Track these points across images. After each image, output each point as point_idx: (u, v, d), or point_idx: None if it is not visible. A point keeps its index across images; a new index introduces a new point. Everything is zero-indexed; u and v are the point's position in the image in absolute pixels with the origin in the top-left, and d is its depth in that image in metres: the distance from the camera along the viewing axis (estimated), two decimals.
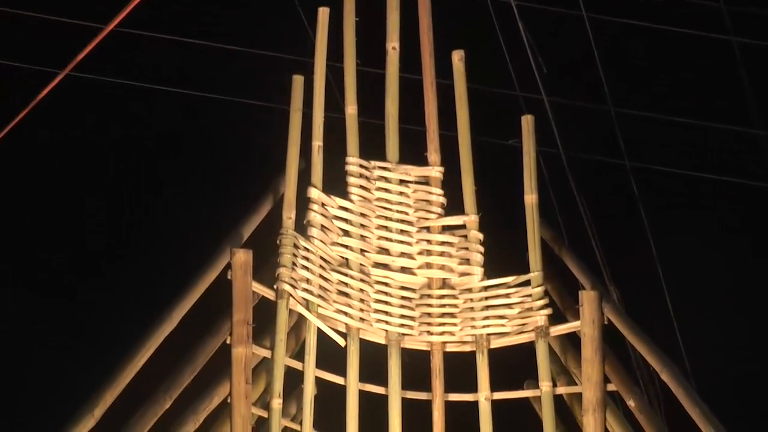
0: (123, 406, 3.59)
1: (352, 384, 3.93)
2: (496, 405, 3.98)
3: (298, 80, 4.12)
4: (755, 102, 5.16)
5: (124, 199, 6.08)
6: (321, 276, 3.98)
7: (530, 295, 3.99)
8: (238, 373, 3.73)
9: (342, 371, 3.95)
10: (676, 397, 3.62)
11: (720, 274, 5.83)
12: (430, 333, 4.05)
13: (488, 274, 4.10)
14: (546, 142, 4.69)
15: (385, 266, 4.11)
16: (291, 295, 3.88)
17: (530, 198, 4.09)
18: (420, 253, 4.12)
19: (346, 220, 4.10)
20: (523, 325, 3.99)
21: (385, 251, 4.12)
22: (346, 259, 4.07)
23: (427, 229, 4.17)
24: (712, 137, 5.68)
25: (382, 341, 4.04)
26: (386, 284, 4.08)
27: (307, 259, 3.95)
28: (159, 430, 3.61)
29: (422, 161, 4.24)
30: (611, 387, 3.80)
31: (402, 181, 4.18)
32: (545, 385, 3.90)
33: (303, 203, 4.06)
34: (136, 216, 6.07)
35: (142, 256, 5.87)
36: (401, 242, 4.12)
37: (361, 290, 4.04)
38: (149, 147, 6.13)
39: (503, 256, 4.21)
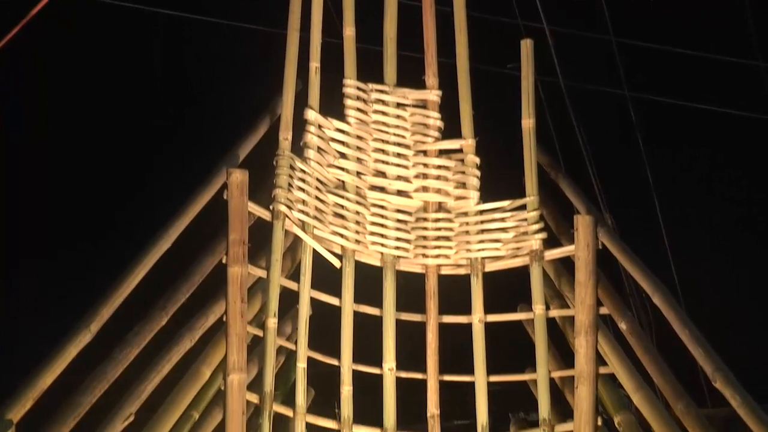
0: (120, 323, 3.62)
1: (347, 305, 3.97)
2: (489, 328, 4.02)
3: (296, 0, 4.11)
4: (756, 33, 5.13)
5: (124, 123, 6.09)
6: (317, 198, 3.99)
7: (525, 220, 4.01)
8: (234, 291, 3.76)
9: (337, 293, 3.99)
10: (667, 320, 3.65)
11: (716, 206, 5.85)
12: (425, 256, 4.08)
13: (484, 198, 4.11)
14: (546, 71, 4.68)
15: (382, 189, 4.12)
16: (287, 216, 3.90)
17: (527, 122, 4.09)
18: (416, 177, 4.14)
19: (342, 143, 4.10)
20: (518, 249, 4.01)
21: (381, 174, 4.13)
22: (343, 181, 4.08)
23: (424, 152, 4.18)
24: (712, 68, 5.66)
25: (378, 263, 4.06)
26: (382, 207, 4.10)
27: (303, 180, 3.96)
28: (155, 347, 3.65)
29: (420, 86, 4.23)
30: (603, 310, 3.83)
31: (399, 105, 4.18)
32: (538, 308, 3.93)
33: (300, 125, 4.06)
34: (136, 140, 6.08)
35: (142, 178, 5.90)
36: (398, 165, 4.13)
37: (357, 212, 4.06)
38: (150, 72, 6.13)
39: (499, 181, 4.22)
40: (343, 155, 4.08)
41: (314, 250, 3.95)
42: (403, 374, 3.97)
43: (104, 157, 6.05)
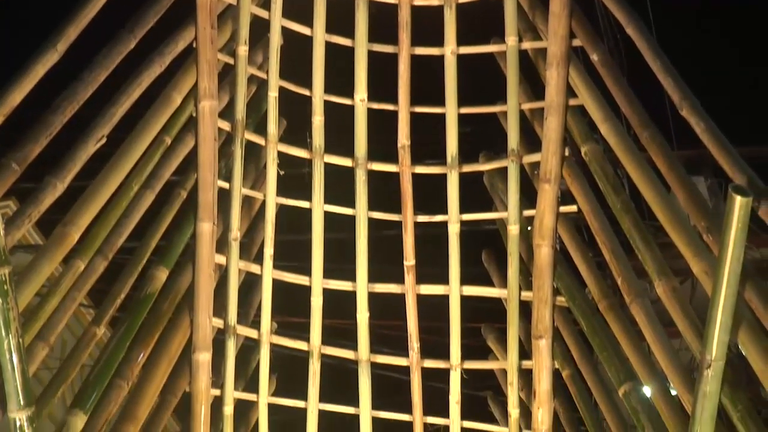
0: (87, 45, 3.60)
1: (319, 35, 3.91)
2: (461, 64, 3.99)
3: None
4: None
5: None
6: None
7: None
8: (203, 17, 3.71)
9: (308, 22, 3.94)
10: (640, 51, 3.65)
11: None
12: None
13: None
14: None
15: None
16: None
17: None
18: None
19: None
20: None
21: None
22: None
23: None
24: None
25: None
26: None
27: None
28: (123, 70, 3.64)
29: None
30: (576, 42, 3.81)
31: None
32: (511, 39, 3.90)
33: None
34: None
35: None
36: None
37: None
38: None
39: None
40: None
41: None
42: (374, 105, 3.99)
43: None
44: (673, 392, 3.35)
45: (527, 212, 3.87)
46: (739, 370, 3.77)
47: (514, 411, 3.87)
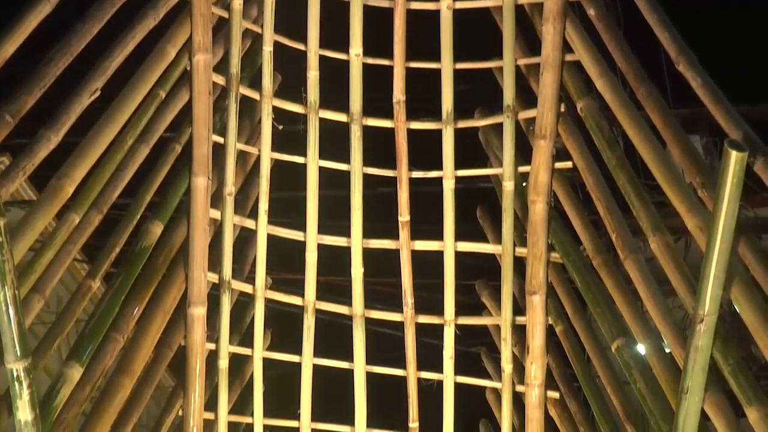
0: None
1: None
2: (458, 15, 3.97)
3: None
4: None
5: None
6: None
7: None
8: None
9: None
10: (636, 6, 3.63)
11: None
12: None
13: None
14: None
15: None
16: None
17: None
18: None
19: None
20: None
21: None
22: None
23: None
24: None
25: None
26: None
27: None
28: (117, 23, 3.62)
29: None
30: None
31: None
32: None
33: None
34: None
35: None
36: None
37: None
38: None
39: None
40: None
41: None
42: (370, 60, 3.97)
43: None
44: (667, 350, 3.37)
45: (522, 168, 3.87)
46: (731, 327, 3.80)
47: (507, 366, 3.89)
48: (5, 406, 3.03)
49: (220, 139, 3.78)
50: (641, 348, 3.47)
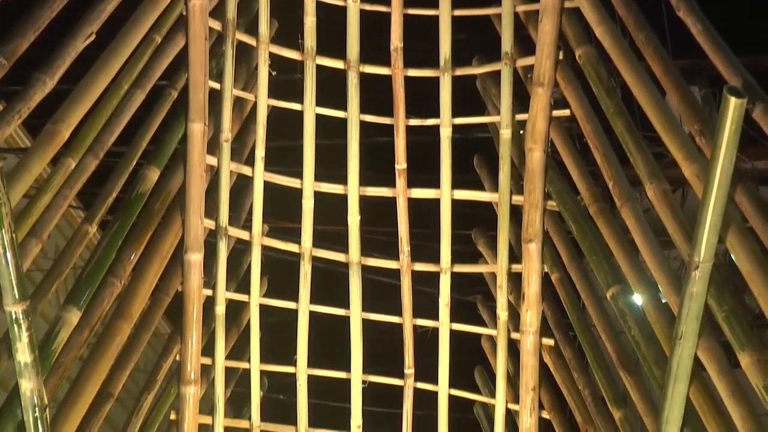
0: None
1: None
2: None
3: None
4: None
5: None
6: None
7: None
8: None
9: None
10: None
11: None
12: None
13: None
14: None
15: None
16: None
17: None
18: None
19: None
20: None
21: None
22: None
23: None
24: None
25: None
26: None
27: None
28: None
29: None
30: None
31: None
32: None
33: None
34: None
35: None
36: None
37: None
38: None
39: None
40: None
41: None
42: (367, 6, 3.94)
43: None
44: (663, 301, 3.38)
45: (520, 116, 3.86)
46: (726, 278, 3.81)
47: (502, 314, 3.90)
48: (5, 348, 3.04)
49: (217, 85, 3.76)
50: (637, 297, 3.48)
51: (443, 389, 4.02)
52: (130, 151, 3.64)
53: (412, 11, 3.95)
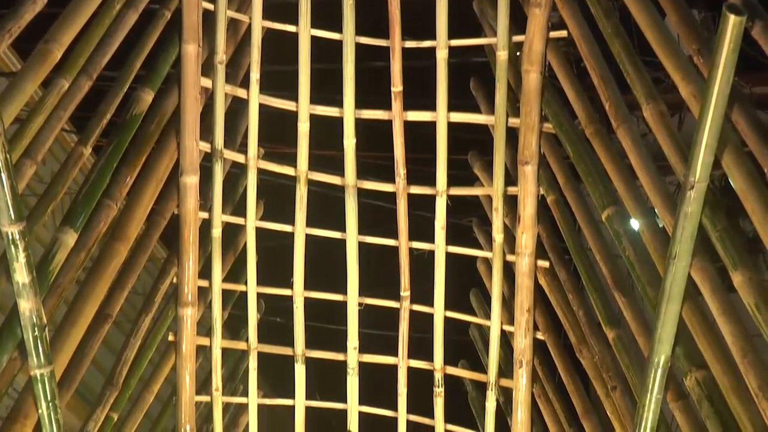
0: None
1: None
2: None
3: None
4: None
5: None
6: None
7: None
8: None
9: None
10: None
11: None
12: None
13: None
14: None
15: None
16: None
17: None
18: None
19: None
20: None
21: None
22: None
23: None
24: None
25: None
26: None
27: None
28: None
29: None
30: None
31: None
32: None
33: None
34: None
35: None
36: None
37: None
38: None
39: None
40: None
41: None
42: None
43: None
44: (660, 225, 3.38)
45: (517, 38, 3.82)
46: (720, 201, 3.81)
47: (498, 236, 3.91)
48: (3, 269, 3.05)
49: (211, 6, 3.73)
50: (633, 221, 3.49)
51: (439, 311, 4.05)
52: (124, 73, 3.62)
53: None
